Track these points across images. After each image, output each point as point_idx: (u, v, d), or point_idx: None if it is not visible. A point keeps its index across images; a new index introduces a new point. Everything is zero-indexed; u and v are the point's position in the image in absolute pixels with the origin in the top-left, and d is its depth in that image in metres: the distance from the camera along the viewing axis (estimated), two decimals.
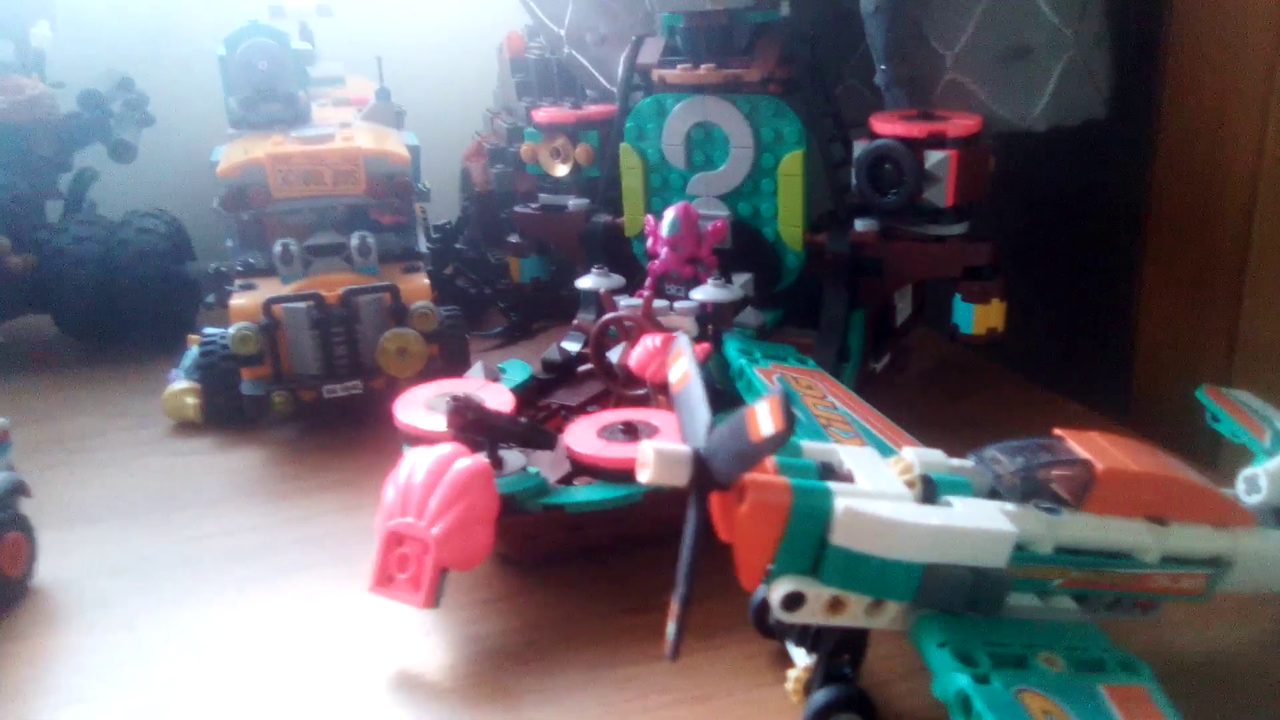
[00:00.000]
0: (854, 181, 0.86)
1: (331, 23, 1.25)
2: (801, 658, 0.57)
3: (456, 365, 0.97)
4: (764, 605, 0.61)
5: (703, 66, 0.86)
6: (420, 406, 0.75)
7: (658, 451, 0.49)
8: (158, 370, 1.13)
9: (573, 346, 0.97)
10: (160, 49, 1.37)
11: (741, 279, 0.87)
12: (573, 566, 0.71)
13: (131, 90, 1.25)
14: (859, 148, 0.85)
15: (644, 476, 0.50)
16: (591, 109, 1.00)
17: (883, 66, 0.93)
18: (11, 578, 0.70)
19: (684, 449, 0.50)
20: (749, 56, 0.87)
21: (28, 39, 1.26)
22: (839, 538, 0.48)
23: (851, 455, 0.55)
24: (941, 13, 0.89)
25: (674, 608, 0.52)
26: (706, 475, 0.50)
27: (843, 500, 0.48)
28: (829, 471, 0.52)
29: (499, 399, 0.77)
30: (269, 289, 0.94)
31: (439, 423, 0.71)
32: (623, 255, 0.97)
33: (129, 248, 1.17)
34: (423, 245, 1.04)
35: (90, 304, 1.16)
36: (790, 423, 0.45)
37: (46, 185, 1.25)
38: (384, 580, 0.63)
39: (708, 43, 0.87)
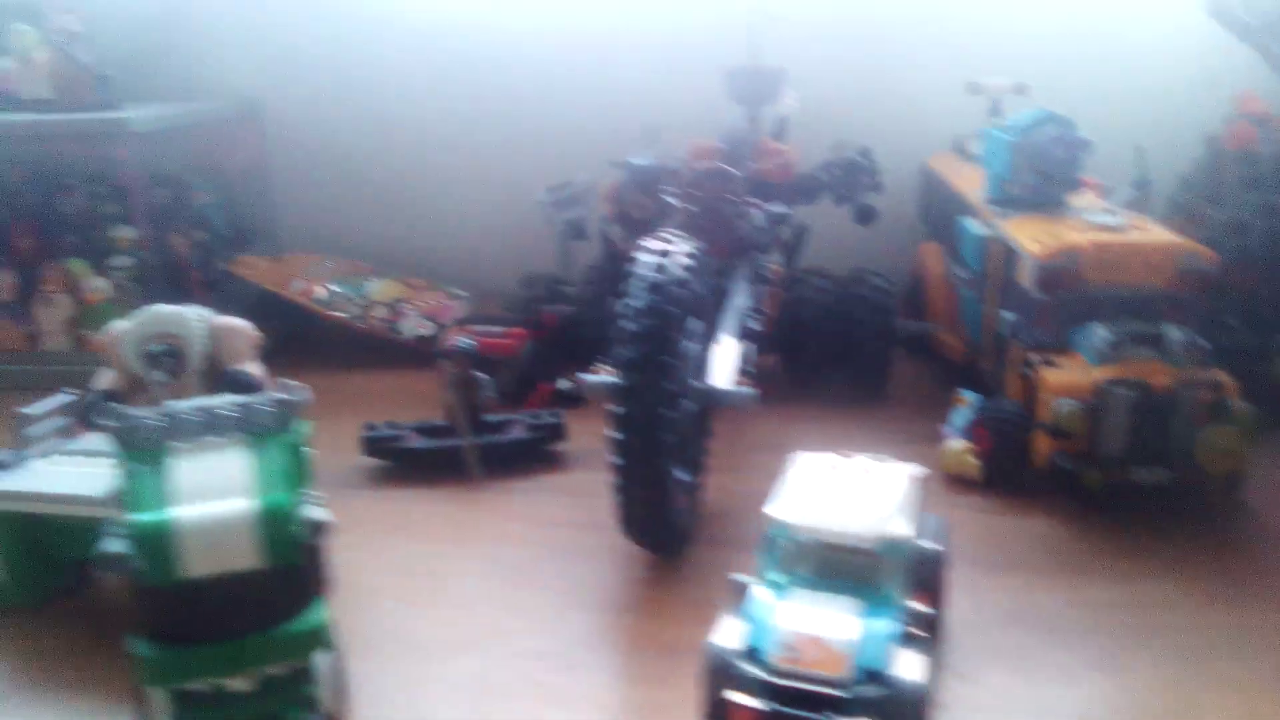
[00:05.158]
0: None
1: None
2: None
3: None
4: None
5: None
6: None
7: None
8: (874, 417, 1.24)
9: None
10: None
11: None
12: None
13: (870, 159, 1.37)
14: None
15: None
16: None
17: None
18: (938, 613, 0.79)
19: None
20: None
21: (768, 109, 1.43)
22: None
23: None
24: None
25: None
26: None
27: None
28: None
29: None
30: (1071, 367, 0.99)
31: None
32: None
33: (865, 302, 1.28)
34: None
35: (820, 348, 1.29)
36: None
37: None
38: None
39: None
